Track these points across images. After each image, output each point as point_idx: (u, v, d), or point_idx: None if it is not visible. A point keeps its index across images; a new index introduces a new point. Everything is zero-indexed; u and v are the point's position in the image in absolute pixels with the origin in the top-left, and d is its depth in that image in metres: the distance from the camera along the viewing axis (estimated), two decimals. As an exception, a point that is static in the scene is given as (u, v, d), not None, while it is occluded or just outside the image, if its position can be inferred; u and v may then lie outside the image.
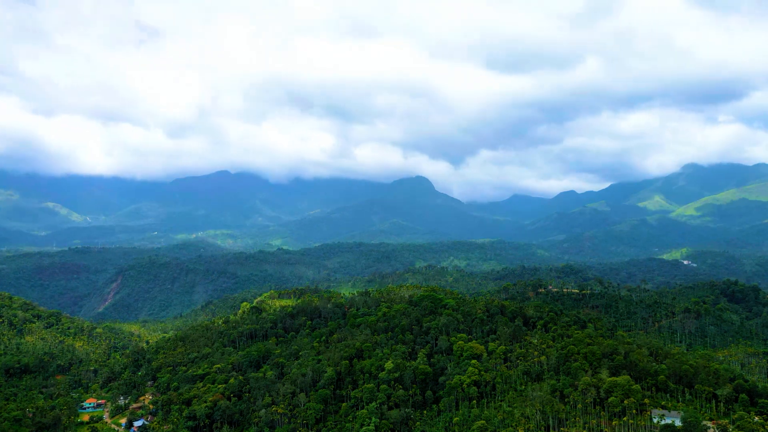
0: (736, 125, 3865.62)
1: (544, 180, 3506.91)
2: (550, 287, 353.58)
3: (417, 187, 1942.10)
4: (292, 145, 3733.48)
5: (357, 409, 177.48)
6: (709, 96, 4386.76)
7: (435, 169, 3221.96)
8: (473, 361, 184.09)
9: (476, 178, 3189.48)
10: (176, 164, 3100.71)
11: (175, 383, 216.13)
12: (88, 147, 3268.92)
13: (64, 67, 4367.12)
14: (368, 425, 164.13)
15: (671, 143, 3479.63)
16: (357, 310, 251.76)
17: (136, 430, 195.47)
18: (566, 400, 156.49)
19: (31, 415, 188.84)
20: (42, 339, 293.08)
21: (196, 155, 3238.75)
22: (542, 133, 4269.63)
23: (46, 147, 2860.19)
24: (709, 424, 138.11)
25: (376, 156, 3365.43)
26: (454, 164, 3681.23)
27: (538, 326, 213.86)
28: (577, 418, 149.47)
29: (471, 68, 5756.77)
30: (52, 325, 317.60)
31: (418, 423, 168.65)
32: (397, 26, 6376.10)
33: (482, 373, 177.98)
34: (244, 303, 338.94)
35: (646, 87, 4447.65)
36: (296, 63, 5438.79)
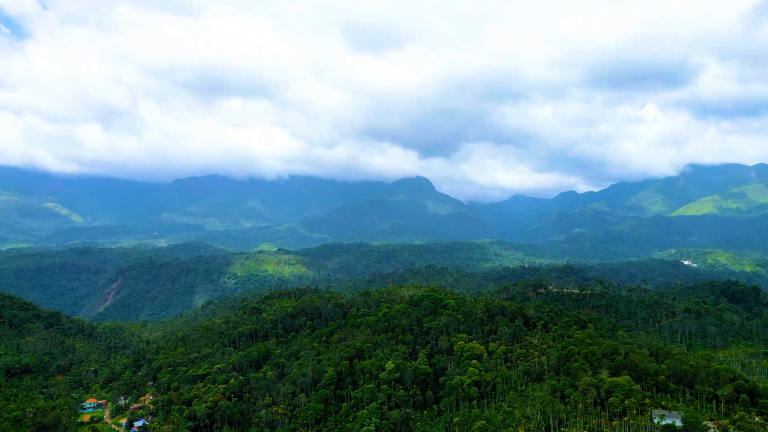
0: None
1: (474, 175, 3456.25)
2: (551, 287, 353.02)
3: (417, 187, 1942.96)
4: (255, 143, 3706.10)
5: (357, 409, 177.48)
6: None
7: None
8: (474, 362, 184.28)
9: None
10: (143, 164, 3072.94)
11: (175, 383, 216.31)
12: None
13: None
14: (369, 425, 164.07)
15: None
16: (357, 310, 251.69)
17: (136, 430, 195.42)
18: (567, 400, 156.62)
19: (31, 415, 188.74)
20: (42, 339, 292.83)
21: (187, 156, 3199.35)
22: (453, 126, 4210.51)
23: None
24: (710, 424, 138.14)
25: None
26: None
27: (539, 326, 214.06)
28: (578, 419, 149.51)
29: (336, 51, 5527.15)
30: (53, 325, 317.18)
31: (418, 423, 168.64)
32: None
33: (483, 373, 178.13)
34: (245, 303, 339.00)
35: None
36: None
